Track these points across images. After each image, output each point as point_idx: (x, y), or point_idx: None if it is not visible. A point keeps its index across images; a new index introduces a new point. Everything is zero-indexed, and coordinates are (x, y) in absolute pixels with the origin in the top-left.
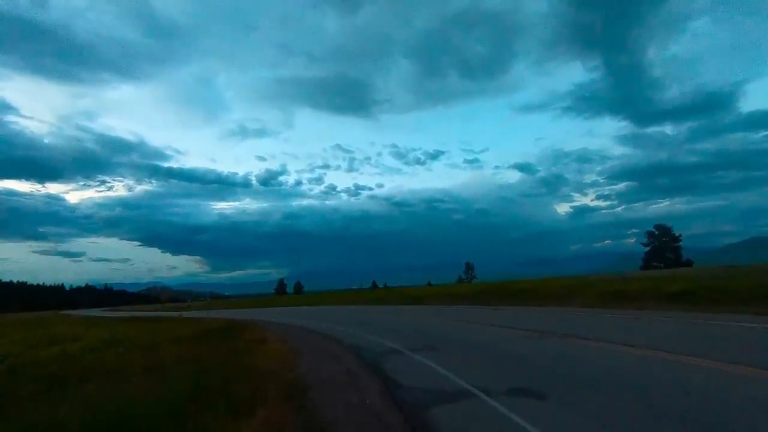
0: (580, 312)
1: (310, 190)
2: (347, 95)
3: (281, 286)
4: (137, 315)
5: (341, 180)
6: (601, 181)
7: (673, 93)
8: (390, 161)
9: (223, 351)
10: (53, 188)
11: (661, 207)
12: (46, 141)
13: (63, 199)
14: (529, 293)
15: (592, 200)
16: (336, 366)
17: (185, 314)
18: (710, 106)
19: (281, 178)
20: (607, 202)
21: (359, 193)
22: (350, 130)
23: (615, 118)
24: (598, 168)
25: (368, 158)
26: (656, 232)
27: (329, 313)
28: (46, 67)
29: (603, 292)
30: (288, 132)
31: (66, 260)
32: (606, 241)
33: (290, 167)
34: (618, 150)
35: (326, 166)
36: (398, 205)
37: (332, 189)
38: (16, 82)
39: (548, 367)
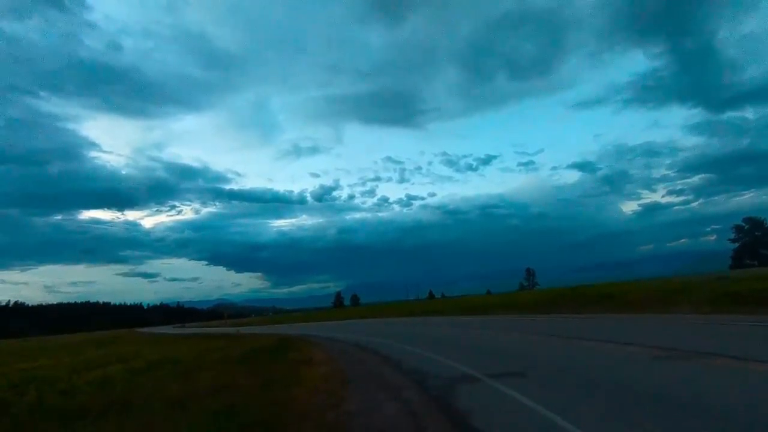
0: (698, 320)
1: (363, 203)
2: (395, 107)
3: (338, 299)
4: (199, 332)
5: (393, 191)
6: (672, 175)
7: (751, 73)
8: (441, 169)
9: (264, 376)
10: (131, 215)
11: (745, 199)
12: (123, 172)
13: (139, 225)
14: (613, 299)
15: (662, 196)
16: (393, 402)
17: (242, 330)
18: None
19: (335, 193)
20: (681, 198)
21: (411, 204)
22: (399, 141)
23: (684, 107)
24: (668, 161)
25: (419, 168)
26: (746, 227)
27: (385, 326)
28: (120, 106)
29: (715, 296)
30: (339, 148)
31: (144, 281)
32: (682, 240)
33: (343, 182)
34: (690, 140)
35: (377, 179)
36: (451, 213)
37: (384, 201)
38: (97, 121)
39: (725, 412)
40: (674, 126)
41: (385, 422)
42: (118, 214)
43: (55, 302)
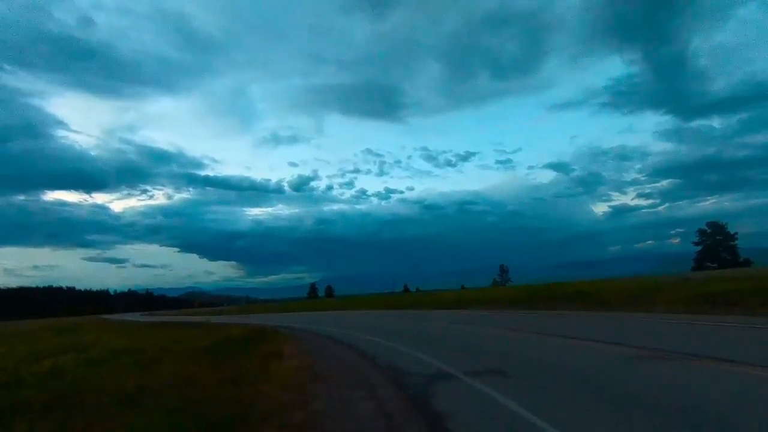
0: (674, 319)
1: (341, 194)
2: (376, 100)
3: (313, 290)
4: (168, 320)
5: (372, 184)
6: (642, 178)
7: (720, 84)
8: (420, 164)
9: (231, 370)
10: (99, 198)
11: (708, 204)
12: (92, 153)
13: (108, 208)
14: (588, 297)
15: (632, 199)
16: (367, 401)
17: (213, 320)
18: (762, 97)
19: (313, 184)
20: (649, 201)
21: (390, 197)
22: (380, 134)
23: (656, 113)
24: (639, 165)
25: (398, 161)
26: (709, 230)
27: (360, 319)
28: (92, 84)
29: (689, 295)
30: (319, 138)
31: (111, 266)
32: (648, 242)
33: (321, 172)
34: (660, 146)
35: (357, 171)
36: (429, 208)
37: (363, 193)
38: (66, 99)
39: (718, 416)
40: (646, 131)
41: (356, 425)
42: (86, 196)
43: (15, 286)
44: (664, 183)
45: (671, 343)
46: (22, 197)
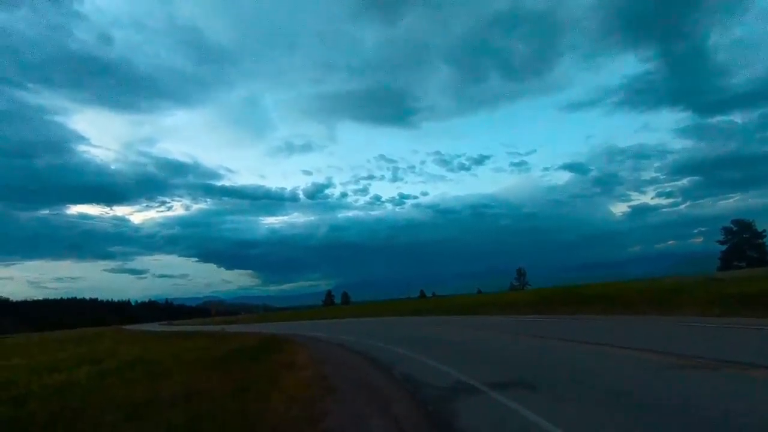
0: (709, 322)
1: (356, 201)
2: (388, 105)
3: (329, 297)
4: (185, 330)
5: (385, 190)
6: (661, 177)
7: (740, 78)
8: (434, 168)
9: (240, 381)
10: (120, 210)
11: (731, 202)
12: (112, 167)
13: (128, 220)
14: (613, 299)
15: (651, 198)
16: (381, 418)
17: (228, 328)
18: None
19: (327, 191)
20: (669, 200)
21: (404, 203)
22: (393, 140)
23: (674, 110)
24: (657, 164)
25: (412, 167)
26: (735, 228)
27: (376, 325)
28: (111, 100)
29: (720, 297)
30: (332, 146)
31: (132, 277)
32: (669, 242)
33: (335, 180)
34: (679, 143)
35: (370, 177)
36: (443, 212)
37: (377, 199)
38: (86, 115)
39: None
40: (664, 129)
41: None
42: (107, 209)
43: (40, 298)
44: (685, 181)
45: (716, 349)
46: (46, 211)
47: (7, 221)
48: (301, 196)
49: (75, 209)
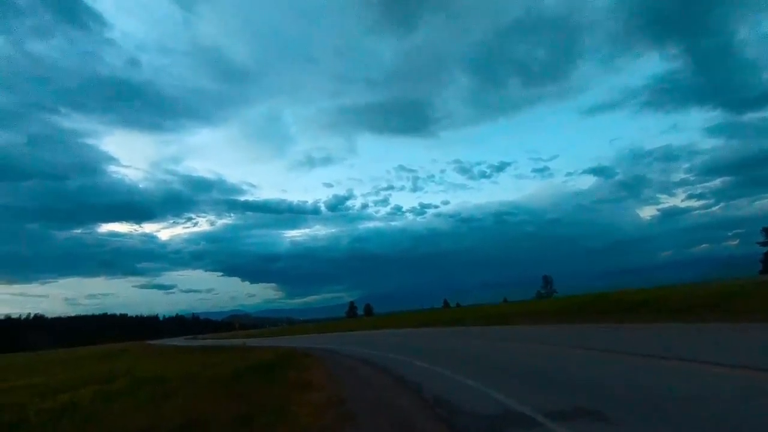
0: None
1: (377, 212)
2: (406, 116)
3: (352, 309)
4: (208, 344)
5: (406, 200)
6: (692, 178)
7: None
8: (454, 177)
9: (249, 404)
10: (148, 228)
11: None
12: (141, 186)
13: (156, 237)
14: (655, 306)
15: (682, 201)
16: None
17: (250, 342)
18: None
19: (348, 203)
20: (701, 202)
21: (425, 212)
22: (412, 150)
23: (703, 109)
24: (687, 165)
25: (432, 176)
26: None
27: (399, 338)
28: (138, 121)
29: None
30: (352, 158)
31: (160, 293)
32: (702, 245)
33: (356, 191)
34: (709, 143)
35: (391, 188)
36: (465, 221)
37: (398, 210)
38: (116, 137)
39: None
40: (693, 129)
41: None
42: (136, 226)
43: (73, 314)
44: (717, 182)
45: None
46: (78, 230)
47: (43, 241)
48: (323, 208)
49: (106, 227)
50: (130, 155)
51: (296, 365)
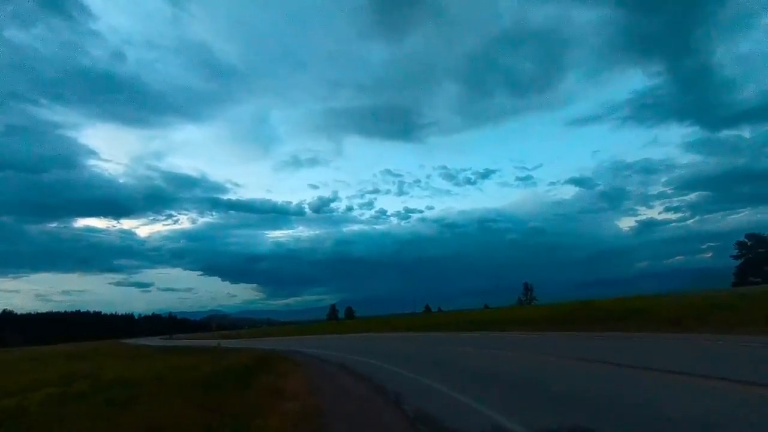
0: None
1: (361, 215)
2: (394, 121)
3: (333, 311)
4: (182, 344)
5: (391, 204)
6: (669, 192)
7: (748, 93)
8: (440, 183)
9: (216, 414)
10: (126, 224)
11: (741, 217)
12: (121, 181)
13: (135, 234)
14: (639, 315)
15: (659, 213)
16: None
17: (226, 344)
18: None
19: (333, 205)
20: (678, 215)
21: (409, 217)
22: (399, 155)
23: (682, 125)
24: (665, 178)
25: (417, 181)
26: (749, 243)
27: (380, 342)
28: (121, 115)
29: None
30: (339, 160)
31: (137, 291)
32: (678, 257)
33: (341, 194)
34: (687, 158)
35: (376, 191)
36: (449, 226)
37: (383, 213)
38: (97, 130)
39: None
40: (672, 144)
41: None
42: (114, 222)
43: (45, 311)
44: (693, 196)
45: None
46: (54, 224)
47: (16, 234)
48: (307, 209)
49: (82, 222)
50: (110, 149)
51: (271, 370)
